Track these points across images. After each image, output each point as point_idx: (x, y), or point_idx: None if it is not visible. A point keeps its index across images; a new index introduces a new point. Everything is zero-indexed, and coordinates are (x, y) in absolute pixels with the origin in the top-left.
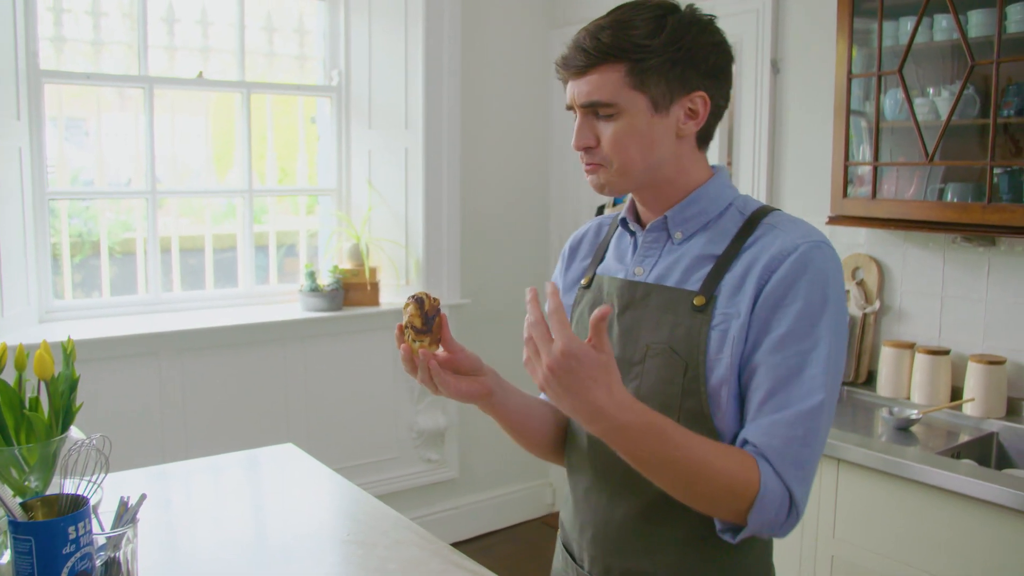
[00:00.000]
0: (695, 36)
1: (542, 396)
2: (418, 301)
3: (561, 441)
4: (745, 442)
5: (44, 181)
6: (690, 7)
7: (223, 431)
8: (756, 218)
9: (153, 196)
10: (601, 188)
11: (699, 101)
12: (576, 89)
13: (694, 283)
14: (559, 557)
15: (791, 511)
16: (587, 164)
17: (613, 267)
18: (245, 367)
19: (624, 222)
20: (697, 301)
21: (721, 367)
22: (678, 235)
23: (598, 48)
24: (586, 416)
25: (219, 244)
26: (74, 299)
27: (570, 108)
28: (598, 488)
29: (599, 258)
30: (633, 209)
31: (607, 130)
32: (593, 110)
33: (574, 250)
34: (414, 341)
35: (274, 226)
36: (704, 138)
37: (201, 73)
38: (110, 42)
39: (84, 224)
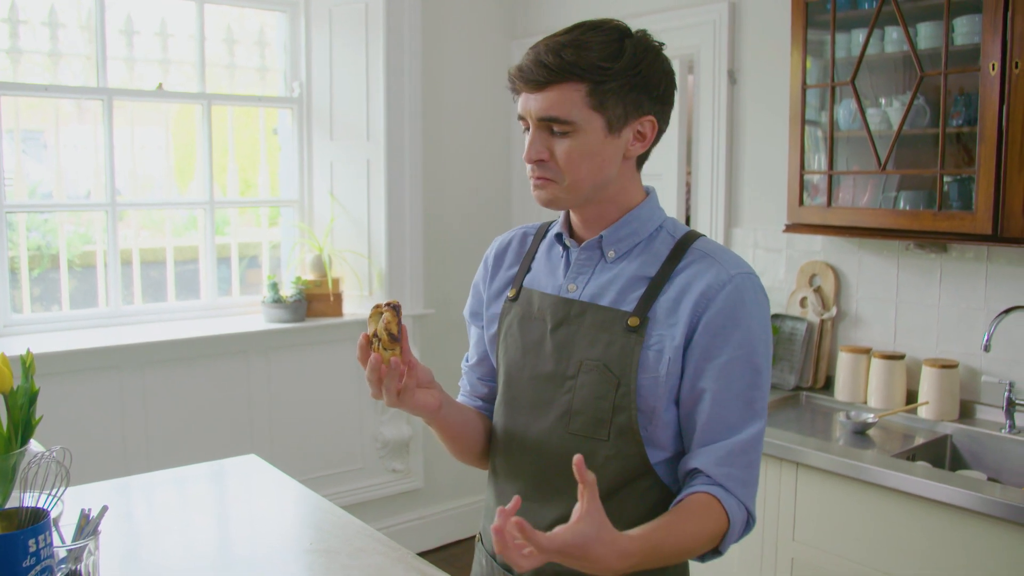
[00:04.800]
0: (650, 62)
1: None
2: (395, 309)
3: (488, 449)
4: (699, 471)
5: (1, 194)
6: (643, 32)
7: (186, 444)
8: (686, 242)
9: (113, 208)
10: (548, 203)
11: (648, 125)
12: (534, 103)
13: (628, 304)
14: (481, 563)
15: (748, 524)
16: (537, 178)
17: (543, 280)
18: (208, 379)
19: (559, 236)
20: (632, 322)
21: (655, 386)
22: (611, 254)
23: (561, 66)
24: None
25: (180, 256)
26: (33, 313)
27: (522, 119)
28: (528, 496)
29: (525, 268)
30: (567, 224)
31: (561, 146)
32: (548, 125)
33: (499, 258)
34: (385, 350)
35: (236, 238)
36: (643, 160)
37: (161, 85)
38: (68, 54)
39: (43, 237)
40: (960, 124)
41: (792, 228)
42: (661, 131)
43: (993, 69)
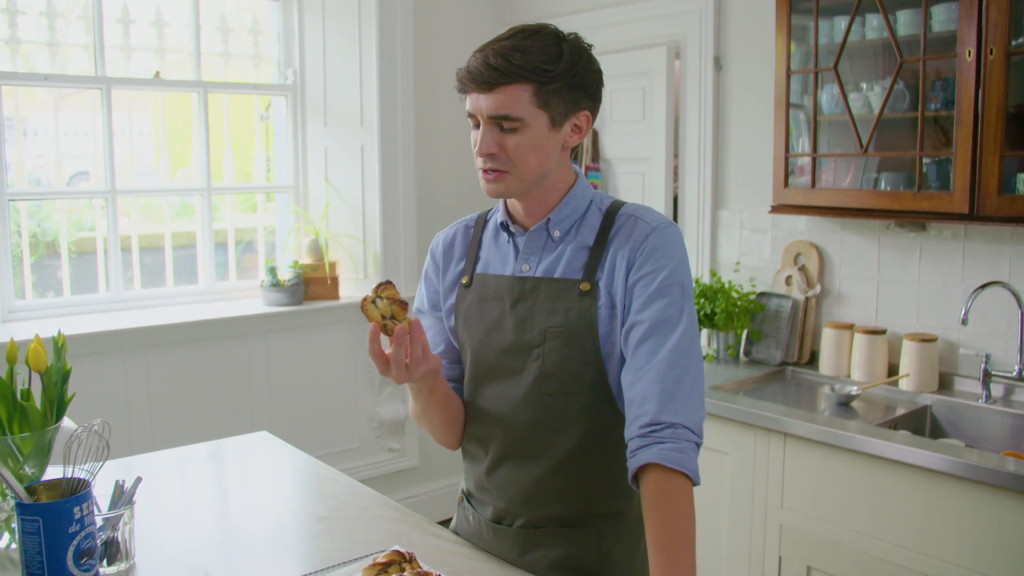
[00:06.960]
0: (585, 63)
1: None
2: (390, 283)
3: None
4: (649, 424)
5: (4, 182)
6: (575, 35)
7: (188, 425)
8: (613, 211)
9: (113, 195)
10: (500, 194)
11: (583, 119)
12: (484, 102)
13: (577, 273)
14: (468, 519)
15: (698, 444)
16: (490, 171)
17: (495, 266)
18: (210, 361)
19: (504, 225)
20: (583, 287)
21: (612, 336)
22: (556, 233)
23: (509, 68)
24: None
25: (175, 242)
26: (35, 299)
27: (471, 116)
28: (512, 459)
29: (473, 258)
30: (507, 212)
31: (510, 141)
32: (499, 122)
33: (448, 253)
34: (400, 322)
35: (231, 223)
36: (575, 147)
37: (158, 73)
38: (66, 44)
39: (37, 224)
40: (938, 108)
41: (777, 209)
42: (592, 123)
43: (969, 55)
